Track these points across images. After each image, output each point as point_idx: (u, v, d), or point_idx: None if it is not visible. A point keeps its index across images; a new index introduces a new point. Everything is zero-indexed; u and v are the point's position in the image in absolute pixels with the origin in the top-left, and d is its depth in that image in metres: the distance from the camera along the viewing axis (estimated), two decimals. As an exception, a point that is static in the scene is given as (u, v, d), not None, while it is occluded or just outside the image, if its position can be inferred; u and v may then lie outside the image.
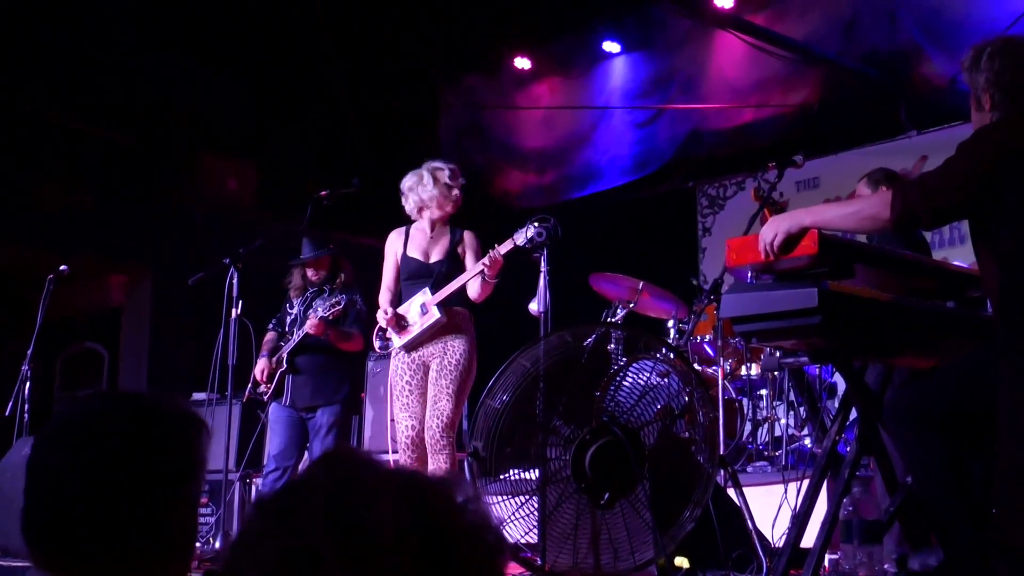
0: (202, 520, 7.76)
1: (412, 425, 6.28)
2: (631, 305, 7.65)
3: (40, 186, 10.60)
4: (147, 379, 11.22)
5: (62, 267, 7.62)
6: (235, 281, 6.88)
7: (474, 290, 6.39)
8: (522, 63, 11.92)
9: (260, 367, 7.25)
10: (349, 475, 1.28)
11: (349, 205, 7.84)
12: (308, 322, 6.95)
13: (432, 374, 6.31)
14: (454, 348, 6.30)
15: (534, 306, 5.93)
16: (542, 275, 5.83)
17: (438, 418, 6.16)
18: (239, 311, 6.90)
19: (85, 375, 11.96)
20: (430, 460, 6.19)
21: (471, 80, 12.57)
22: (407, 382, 6.35)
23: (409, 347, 6.40)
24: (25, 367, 7.47)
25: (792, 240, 3.72)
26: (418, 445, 6.26)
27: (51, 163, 10.73)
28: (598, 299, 7.98)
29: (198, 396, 8.44)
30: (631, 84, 11.48)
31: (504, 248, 6.08)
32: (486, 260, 6.15)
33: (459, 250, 6.51)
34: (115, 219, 11.05)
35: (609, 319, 7.62)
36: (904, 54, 9.53)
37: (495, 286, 6.32)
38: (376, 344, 6.66)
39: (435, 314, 6.28)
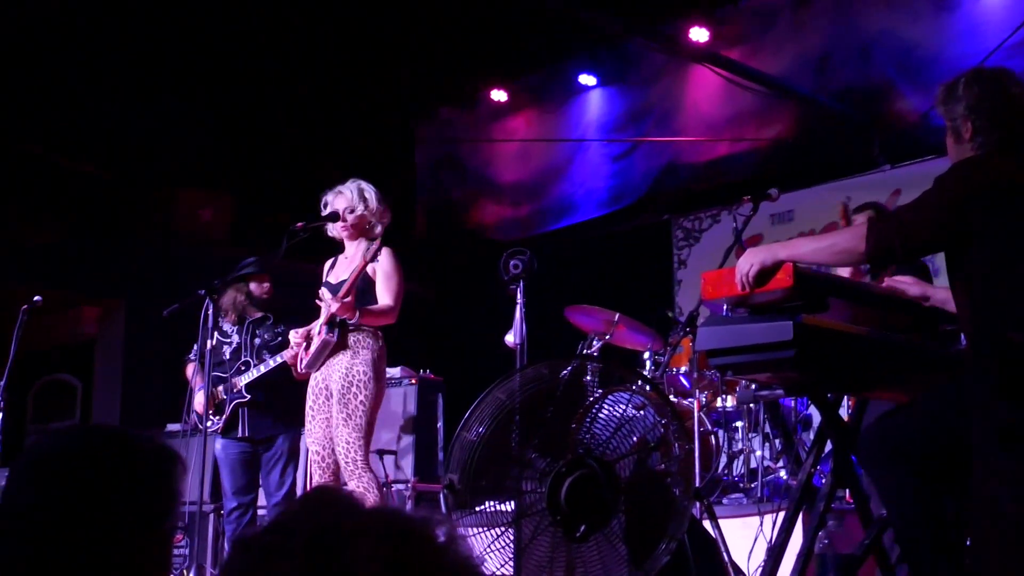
0: (176, 552, 7.69)
1: (316, 451, 6.17)
2: (607, 337, 7.64)
3: (14, 218, 10.57)
4: (120, 410, 11.15)
5: (36, 298, 7.55)
6: (211, 312, 6.81)
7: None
8: (498, 96, 11.96)
9: (200, 401, 7.12)
10: (329, 517, 1.27)
11: (324, 238, 7.83)
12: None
13: (333, 399, 6.17)
14: (349, 370, 6.08)
15: (510, 338, 5.92)
16: (518, 307, 5.82)
17: (340, 444, 6.01)
18: (214, 342, 6.86)
19: (58, 407, 11.89)
20: (349, 485, 6.03)
21: (447, 113, 12.61)
22: (311, 406, 6.22)
23: (310, 368, 6.24)
24: (-3, 399, 7.41)
25: (767, 273, 3.73)
26: (325, 469, 6.13)
27: (25, 196, 10.70)
28: (574, 331, 7.96)
29: (172, 427, 8.39)
30: (607, 117, 11.53)
31: (326, 312, 6.07)
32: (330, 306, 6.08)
33: (369, 269, 6.25)
34: (89, 251, 11.03)
35: (585, 351, 7.60)
36: (877, 89, 9.60)
37: (385, 317, 6.21)
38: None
39: (323, 334, 6.14)
